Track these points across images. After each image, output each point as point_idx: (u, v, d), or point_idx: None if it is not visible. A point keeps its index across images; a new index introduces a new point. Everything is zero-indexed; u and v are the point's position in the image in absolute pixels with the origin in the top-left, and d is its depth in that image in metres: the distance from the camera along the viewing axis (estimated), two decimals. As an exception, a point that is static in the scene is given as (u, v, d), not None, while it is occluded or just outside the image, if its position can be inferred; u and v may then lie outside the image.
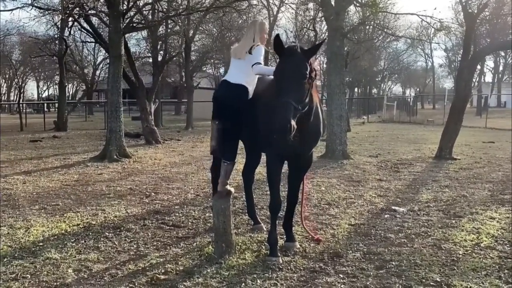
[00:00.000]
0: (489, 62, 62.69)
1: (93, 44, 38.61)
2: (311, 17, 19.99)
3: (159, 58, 24.04)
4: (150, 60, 29.32)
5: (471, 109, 46.22)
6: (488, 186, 8.86)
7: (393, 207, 7.14)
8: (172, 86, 51.82)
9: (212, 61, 40.86)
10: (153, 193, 8.33)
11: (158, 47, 25.68)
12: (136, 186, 9.05)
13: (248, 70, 5.08)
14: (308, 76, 4.38)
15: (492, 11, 26.55)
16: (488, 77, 71.35)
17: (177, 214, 6.84)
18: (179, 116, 44.07)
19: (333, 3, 12.58)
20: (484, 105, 39.88)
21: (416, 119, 32.78)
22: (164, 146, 16.67)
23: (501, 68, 65.43)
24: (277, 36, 4.53)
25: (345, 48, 16.25)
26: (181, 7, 18.05)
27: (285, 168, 5.28)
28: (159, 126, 23.65)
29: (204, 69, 42.84)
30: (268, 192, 5.34)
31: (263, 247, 5.24)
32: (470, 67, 12.64)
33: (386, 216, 6.68)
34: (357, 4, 13.57)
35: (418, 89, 75.82)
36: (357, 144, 16.82)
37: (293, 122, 4.13)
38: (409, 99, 44.17)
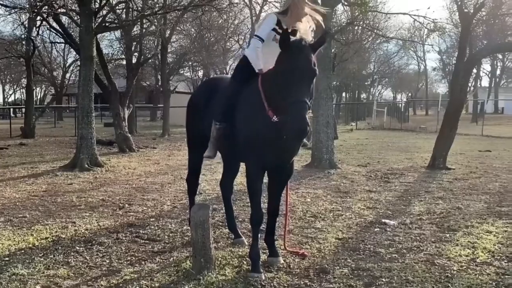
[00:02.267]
0: (486, 66, 63.54)
1: (63, 45, 38.41)
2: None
3: (134, 60, 24.00)
4: (124, 62, 29.31)
5: (467, 116, 46.82)
6: (485, 198, 8.98)
7: (383, 220, 7.20)
8: (147, 90, 51.56)
9: (190, 63, 40.84)
10: (127, 205, 8.30)
11: (133, 48, 25.64)
12: (108, 197, 9.01)
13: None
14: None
15: (489, 11, 27.01)
16: (485, 82, 72.45)
17: (152, 227, 6.82)
18: (154, 122, 43.92)
19: (319, 1, 12.70)
20: (480, 111, 40.44)
21: (407, 126, 33.10)
22: (138, 154, 16.61)
23: (498, 71, 66.45)
24: (286, 30, 4.51)
25: (332, 50, 16.36)
26: (157, 5, 18.06)
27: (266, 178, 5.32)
28: (133, 133, 23.53)
29: (182, 72, 42.78)
30: (249, 204, 5.38)
31: (245, 262, 5.25)
32: (465, 70, 12.82)
33: (375, 229, 6.73)
34: (346, 3, 13.72)
35: (410, 94, 76.45)
36: (344, 152, 16.94)
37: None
38: (400, 105, 44.58)
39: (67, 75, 53.06)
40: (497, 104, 63.14)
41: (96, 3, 12.92)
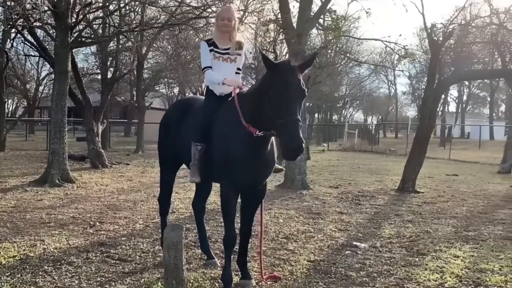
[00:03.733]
0: (453, 91, 65.14)
1: (37, 58, 37.82)
2: (272, 38, 20.29)
3: (109, 75, 23.78)
4: (99, 77, 29.04)
5: (435, 139, 47.56)
6: (452, 222, 9.08)
7: (354, 243, 7.20)
8: (122, 106, 51.19)
9: (165, 80, 40.75)
10: (98, 223, 8.14)
11: (108, 63, 25.44)
12: (79, 214, 8.82)
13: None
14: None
15: (457, 39, 27.72)
16: (452, 107, 74.10)
17: (123, 246, 6.69)
18: (128, 137, 43.47)
19: (294, 25, 12.84)
20: (447, 136, 41.18)
21: (378, 149, 33.46)
22: (111, 170, 16.37)
23: (465, 97, 68.06)
24: (262, 54, 4.63)
25: (306, 72, 16.45)
26: (134, 22, 18.00)
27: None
28: (106, 148, 23.23)
29: (157, 88, 42.64)
30: (223, 224, 5.31)
31: (217, 284, 5.19)
32: (434, 96, 13.05)
33: (347, 252, 6.72)
34: (320, 28, 13.90)
35: (380, 117, 77.60)
36: (316, 173, 16.99)
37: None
38: (370, 127, 45.17)
39: (41, 88, 52.11)
40: (464, 129, 64.47)
41: (73, 18, 12.76)
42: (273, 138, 4.99)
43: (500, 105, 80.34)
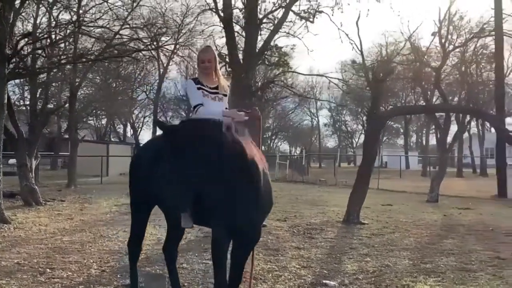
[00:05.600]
0: (371, 124, 67.70)
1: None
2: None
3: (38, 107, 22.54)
4: (24, 108, 27.68)
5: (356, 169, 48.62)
6: (406, 254, 9.03)
7: (323, 281, 6.95)
8: (48, 138, 48.88)
9: (94, 111, 39.43)
10: (48, 269, 7.33)
11: (38, 94, 24.23)
12: (24, 260, 7.94)
13: None
14: None
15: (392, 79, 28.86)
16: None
17: (83, 296, 6.03)
18: (55, 171, 41.14)
19: (241, 61, 12.69)
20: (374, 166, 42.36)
21: (308, 179, 33.72)
22: (47, 208, 15.16)
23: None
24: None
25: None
26: (70, 54, 17.25)
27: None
28: (36, 184, 21.77)
29: (84, 120, 41.17)
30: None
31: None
32: (375, 129, 13.27)
33: (320, 291, 6.44)
34: (267, 63, 13.85)
35: (304, 148, 79.26)
36: (259, 206, 16.64)
37: None
38: (300, 158, 45.68)
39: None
40: (382, 158, 66.93)
41: (10, 49, 11.91)
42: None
43: (412, 136, 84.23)
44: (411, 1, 59.27)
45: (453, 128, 27.62)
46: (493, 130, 60.68)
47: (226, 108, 5.11)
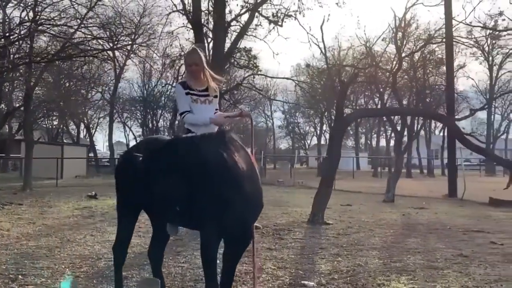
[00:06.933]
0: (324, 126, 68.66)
1: None
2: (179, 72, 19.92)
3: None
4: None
5: (312, 171, 49.51)
6: (375, 254, 9.16)
7: (302, 282, 6.95)
8: (-2, 139, 47.15)
9: (48, 112, 38.27)
10: (19, 276, 6.97)
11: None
12: (-8, 266, 7.59)
13: None
14: None
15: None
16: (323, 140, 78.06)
17: (63, 303, 5.78)
18: (7, 173, 39.55)
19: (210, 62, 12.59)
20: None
21: (266, 180, 33.82)
22: (5, 212, 14.46)
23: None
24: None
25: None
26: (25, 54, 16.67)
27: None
28: (-11, 186, 20.93)
29: (41, 121, 39.96)
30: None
31: None
32: (339, 132, 13.45)
33: (299, 292, 6.44)
34: (237, 66, 13.81)
35: (261, 150, 79.68)
36: (223, 207, 16.55)
37: None
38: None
39: None
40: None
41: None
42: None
43: (361, 137, 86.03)
44: (369, 7, 60.80)
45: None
46: (437, 132, 62.74)
47: (216, 109, 5.04)
